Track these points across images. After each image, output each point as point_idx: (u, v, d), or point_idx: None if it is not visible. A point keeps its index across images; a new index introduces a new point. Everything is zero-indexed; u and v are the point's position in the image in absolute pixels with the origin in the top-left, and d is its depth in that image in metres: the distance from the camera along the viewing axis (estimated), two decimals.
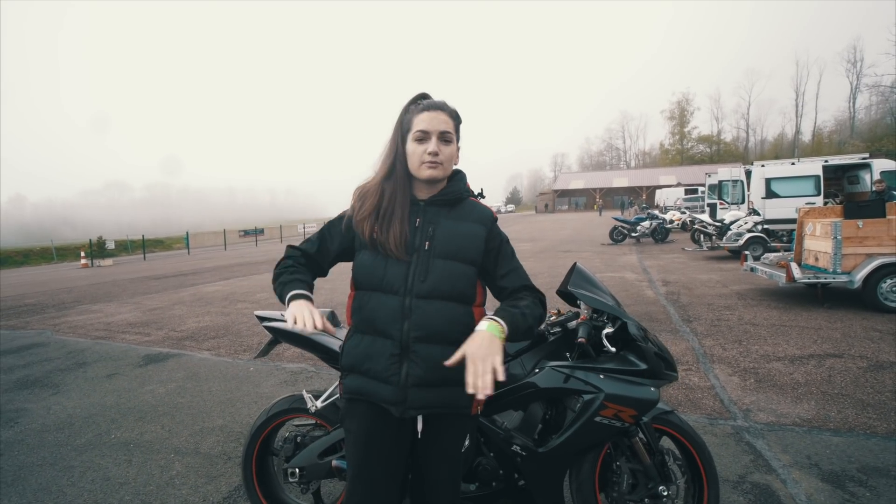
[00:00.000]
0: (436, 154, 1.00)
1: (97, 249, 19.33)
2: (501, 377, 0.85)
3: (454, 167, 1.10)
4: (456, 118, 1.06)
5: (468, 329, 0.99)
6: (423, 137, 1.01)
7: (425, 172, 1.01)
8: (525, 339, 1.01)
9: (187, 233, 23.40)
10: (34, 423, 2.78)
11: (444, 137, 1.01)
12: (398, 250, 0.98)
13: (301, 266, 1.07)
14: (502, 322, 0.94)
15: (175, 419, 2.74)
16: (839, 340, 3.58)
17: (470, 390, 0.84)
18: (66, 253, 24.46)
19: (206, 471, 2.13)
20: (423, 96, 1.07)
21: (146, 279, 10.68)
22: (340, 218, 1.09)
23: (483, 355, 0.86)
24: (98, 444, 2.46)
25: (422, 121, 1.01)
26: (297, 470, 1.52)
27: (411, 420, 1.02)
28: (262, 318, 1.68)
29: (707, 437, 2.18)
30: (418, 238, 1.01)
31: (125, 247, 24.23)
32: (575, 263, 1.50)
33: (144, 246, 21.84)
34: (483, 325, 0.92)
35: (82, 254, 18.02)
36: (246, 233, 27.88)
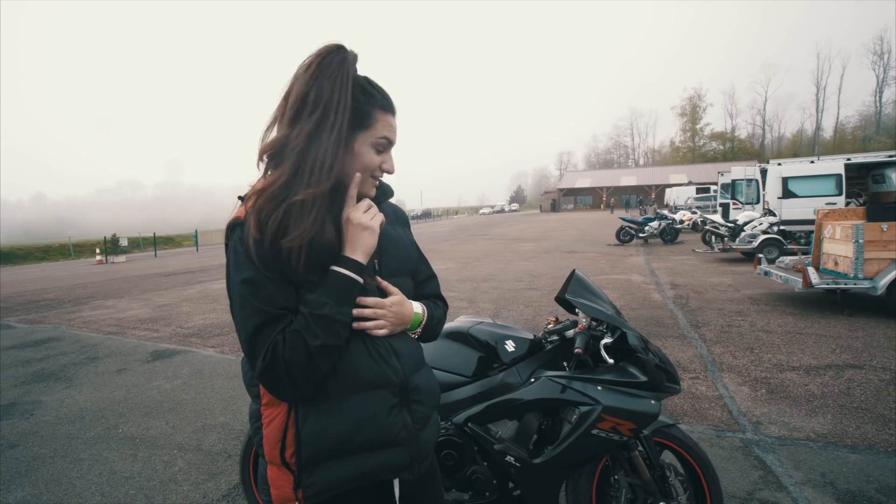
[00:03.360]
0: (388, 173, 0.81)
1: (111, 246, 19.84)
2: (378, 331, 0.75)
3: None
4: None
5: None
6: (384, 149, 0.79)
7: (371, 191, 0.80)
8: (423, 340, 0.89)
9: (196, 231, 23.88)
10: (48, 416, 2.87)
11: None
12: (369, 275, 0.76)
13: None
14: (426, 313, 0.84)
15: (179, 415, 2.79)
16: (860, 350, 3.44)
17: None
18: (82, 250, 25.25)
19: (208, 468, 2.16)
20: (371, 83, 0.80)
21: (156, 276, 10.92)
22: (248, 260, 0.68)
23: (397, 312, 0.77)
24: (106, 438, 2.52)
25: (388, 126, 0.78)
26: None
27: (388, 486, 0.81)
28: None
29: (713, 450, 2.12)
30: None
31: (137, 244, 24.87)
32: (574, 270, 1.46)
33: (156, 243, 22.38)
34: (417, 307, 0.83)
35: (97, 251, 18.56)
36: None
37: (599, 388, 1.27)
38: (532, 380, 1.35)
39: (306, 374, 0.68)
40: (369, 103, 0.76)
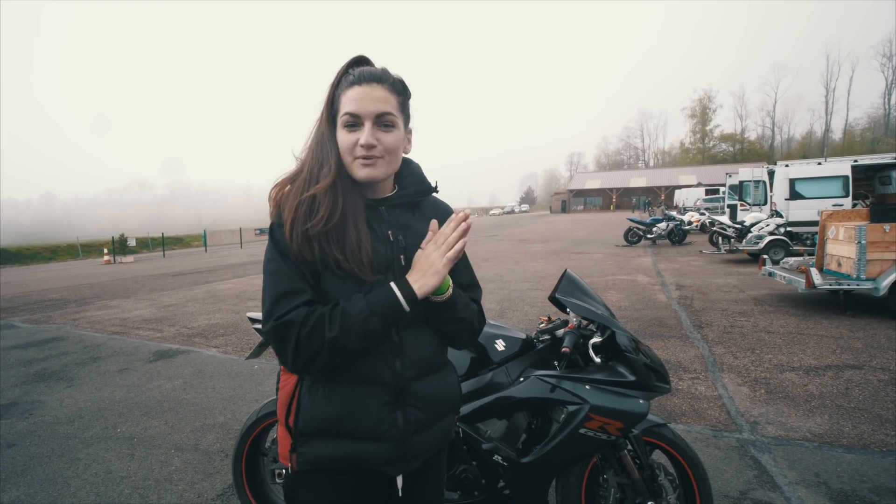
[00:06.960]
0: (371, 147, 0.74)
1: (119, 246, 20.03)
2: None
3: (405, 156, 0.84)
4: (400, 91, 0.79)
5: (446, 349, 0.86)
6: (353, 123, 0.75)
7: (360, 172, 0.76)
8: (451, 331, 0.83)
9: (205, 231, 24.05)
10: (47, 416, 2.90)
11: (383, 121, 0.75)
12: (363, 269, 0.74)
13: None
14: (451, 289, 0.79)
15: (178, 415, 2.81)
16: (860, 351, 3.40)
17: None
18: (90, 250, 25.50)
19: (204, 467, 2.17)
20: (359, 61, 0.79)
21: (164, 276, 11.00)
22: (278, 242, 0.76)
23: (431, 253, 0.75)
24: (104, 438, 2.54)
25: (350, 100, 0.74)
26: (283, 471, 1.53)
27: (389, 477, 0.82)
28: (253, 320, 1.70)
29: (709, 450, 2.10)
30: (391, 251, 0.78)
31: (146, 244, 25.05)
32: (565, 270, 1.46)
33: (164, 243, 22.58)
34: (449, 280, 0.80)
35: (105, 251, 18.76)
36: (261, 231, 28.41)
37: (588, 387, 1.27)
38: (521, 379, 1.35)
39: (311, 356, 0.71)
40: (338, 89, 0.78)
